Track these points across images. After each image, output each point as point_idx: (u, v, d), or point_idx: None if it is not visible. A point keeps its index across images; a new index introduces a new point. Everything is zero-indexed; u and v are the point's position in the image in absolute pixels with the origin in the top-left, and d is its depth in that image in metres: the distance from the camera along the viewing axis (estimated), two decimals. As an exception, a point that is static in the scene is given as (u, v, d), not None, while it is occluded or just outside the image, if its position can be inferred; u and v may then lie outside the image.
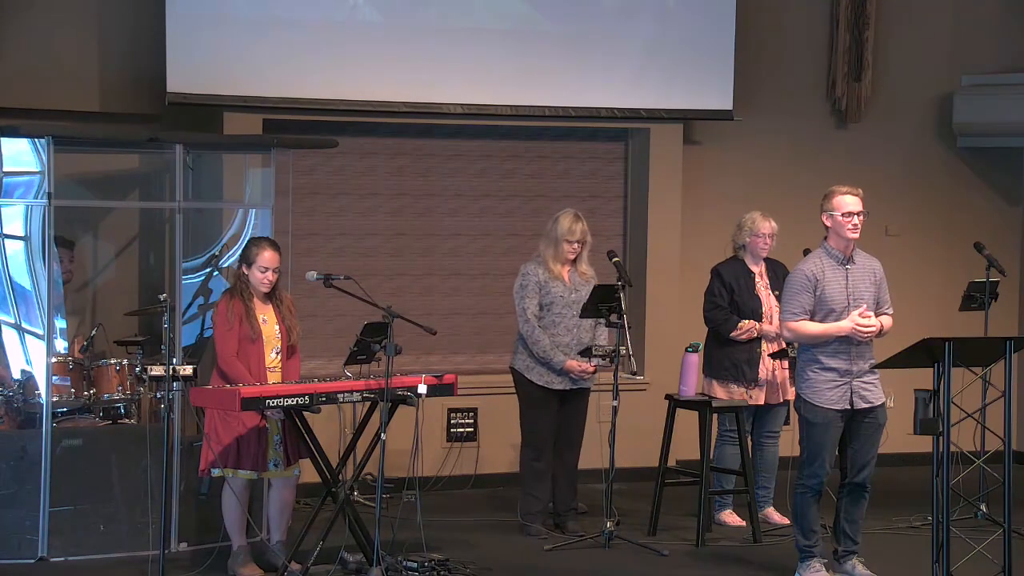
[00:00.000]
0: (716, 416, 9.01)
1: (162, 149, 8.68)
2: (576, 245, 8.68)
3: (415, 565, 7.73)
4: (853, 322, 7.41)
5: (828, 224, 7.55)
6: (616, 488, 8.62)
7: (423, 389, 7.65)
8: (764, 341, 8.97)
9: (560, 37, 10.30)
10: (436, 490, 9.98)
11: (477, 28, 10.13)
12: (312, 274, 7.85)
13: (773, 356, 8.96)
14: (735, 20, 10.62)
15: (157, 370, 7.45)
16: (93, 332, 8.88)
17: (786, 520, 8.93)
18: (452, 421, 10.30)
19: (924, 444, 7.29)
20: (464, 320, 10.55)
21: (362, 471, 8.11)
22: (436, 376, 7.85)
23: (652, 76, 10.51)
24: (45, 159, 8.17)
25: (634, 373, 8.86)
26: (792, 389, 8.64)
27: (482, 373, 10.36)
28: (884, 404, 7.61)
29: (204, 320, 8.86)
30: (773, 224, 9.05)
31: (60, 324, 8.68)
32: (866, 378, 7.50)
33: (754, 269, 9.08)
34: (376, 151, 10.34)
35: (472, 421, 10.34)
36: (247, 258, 7.74)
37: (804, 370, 7.56)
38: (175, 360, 7.96)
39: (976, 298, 9.41)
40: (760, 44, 10.95)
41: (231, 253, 9.01)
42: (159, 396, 8.39)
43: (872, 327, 7.44)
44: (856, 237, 7.51)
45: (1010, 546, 7.15)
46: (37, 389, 8.26)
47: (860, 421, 7.54)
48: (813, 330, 7.49)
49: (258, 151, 9.00)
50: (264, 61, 9.62)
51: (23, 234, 8.67)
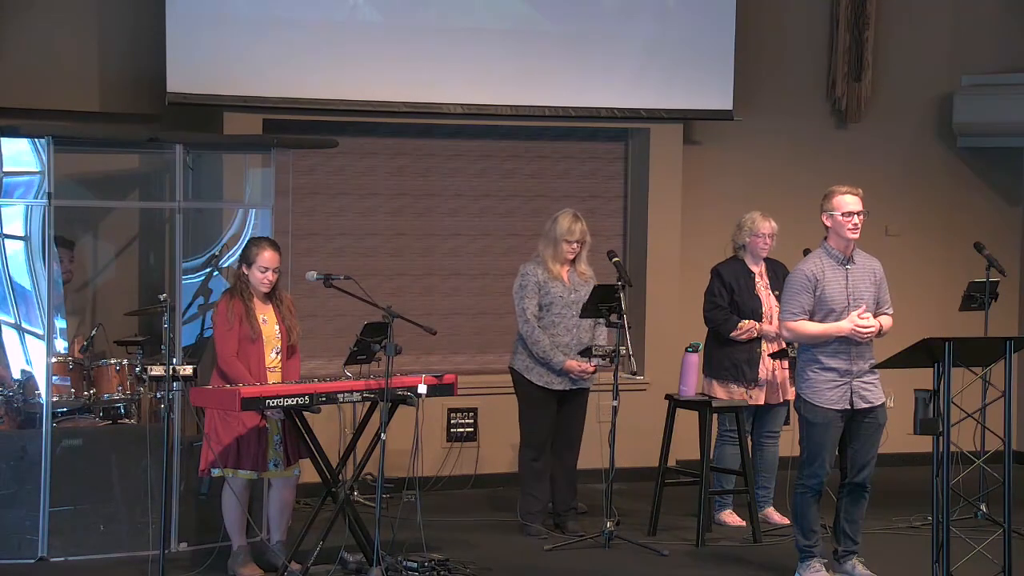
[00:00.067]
0: (716, 416, 9.00)
1: (162, 149, 8.68)
2: (575, 245, 8.68)
3: (415, 565, 7.73)
4: (852, 323, 7.42)
5: (828, 224, 7.55)
6: (616, 488, 8.62)
7: (423, 389, 7.65)
8: (764, 341, 8.97)
9: (560, 37, 10.30)
10: (436, 490, 9.98)
11: (477, 28, 10.13)
12: (312, 274, 7.85)
13: (773, 356, 8.96)
14: (735, 20, 10.62)
15: (157, 370, 7.45)
16: (93, 332, 8.88)
17: (786, 520, 8.92)
18: (452, 421, 10.30)
19: (924, 444, 7.28)
20: (464, 320, 10.55)
21: (362, 471, 8.10)
22: (436, 376, 7.85)
23: (652, 76, 10.51)
24: (45, 159, 8.16)
25: (634, 373, 8.86)
26: (792, 389, 8.64)
27: (482, 373, 10.36)
28: (884, 404, 7.61)
29: (204, 320, 8.86)
30: (773, 224, 9.05)
31: (60, 324, 8.68)
32: (866, 378, 7.50)
33: (754, 269, 9.08)
34: (376, 151, 10.34)
35: (472, 421, 10.34)
36: (247, 258, 7.74)
37: (804, 370, 7.56)
38: (175, 360, 7.95)
39: (976, 298, 9.40)
40: (760, 44, 10.95)
41: (231, 253, 9.00)
42: (159, 396, 8.38)
43: (871, 327, 7.44)
44: (856, 237, 7.51)
45: (1010, 546, 7.15)
46: (37, 389, 8.26)
47: (860, 421, 7.54)
48: (812, 330, 7.49)
49: (258, 151, 9.00)
50: (264, 61, 9.62)
51: (23, 234, 8.67)
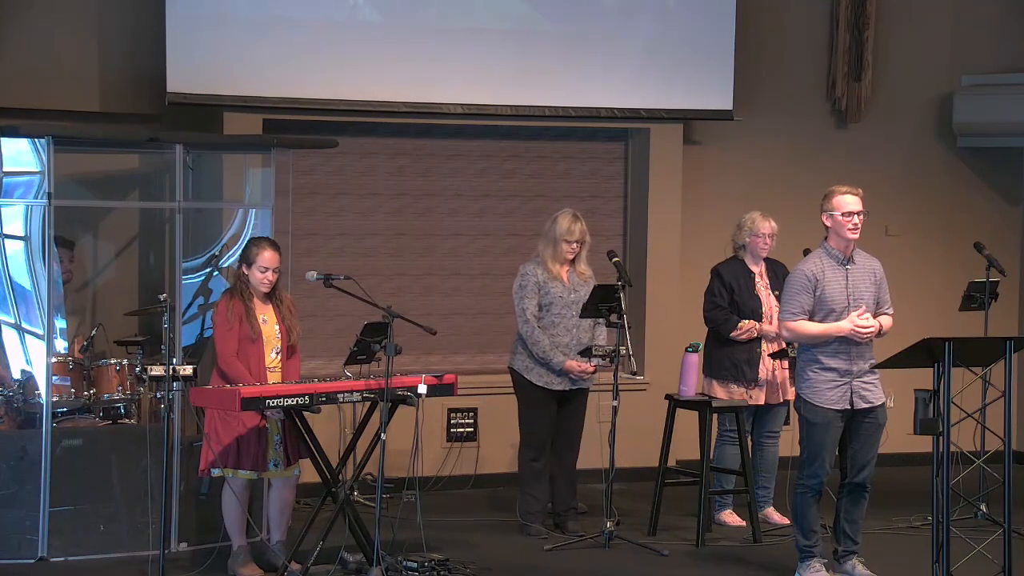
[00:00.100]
0: (716, 416, 9.00)
1: (162, 149, 8.68)
2: (575, 245, 8.68)
3: (415, 565, 7.73)
4: (852, 323, 7.42)
5: (828, 224, 7.54)
6: (616, 488, 8.62)
7: (423, 389, 7.65)
8: (764, 341, 8.96)
9: (560, 37, 10.29)
10: (436, 490, 9.98)
11: (477, 28, 10.13)
12: (312, 274, 7.85)
13: (773, 356, 8.95)
14: (735, 20, 10.61)
15: (157, 370, 7.45)
16: (93, 332, 8.88)
17: (786, 520, 8.92)
18: (452, 421, 10.30)
19: (924, 444, 7.28)
20: (464, 320, 10.55)
21: (362, 471, 8.10)
22: (436, 376, 7.85)
23: (652, 76, 10.51)
24: (45, 159, 8.16)
25: (634, 373, 8.86)
26: (792, 389, 8.64)
27: (482, 373, 10.36)
28: (884, 404, 7.61)
29: (204, 320, 8.86)
30: (773, 224, 9.05)
31: (60, 324, 8.68)
32: (866, 378, 7.49)
33: (754, 269, 9.08)
34: (376, 151, 10.34)
35: (472, 421, 10.34)
36: (247, 258, 7.74)
37: (804, 370, 7.56)
38: (175, 360, 7.95)
39: (976, 298, 9.40)
40: (760, 44, 10.95)
41: (231, 253, 9.00)
42: (159, 396, 8.38)
43: (870, 328, 7.44)
44: (856, 237, 7.51)
45: (1010, 546, 7.15)
46: (37, 389, 8.26)
47: (860, 421, 7.54)
48: (812, 330, 7.48)
49: (258, 151, 9.00)
50: (264, 61, 9.61)
51: (23, 234, 8.67)
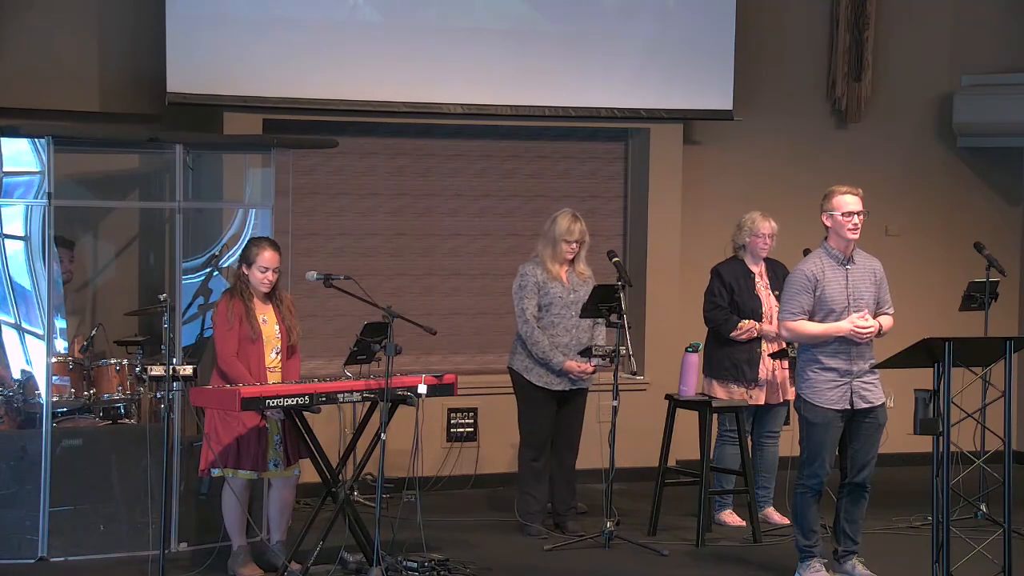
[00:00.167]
0: (716, 416, 9.00)
1: (162, 149, 8.68)
2: (574, 245, 8.67)
3: (415, 565, 7.73)
4: (851, 323, 7.42)
5: (828, 224, 7.54)
6: (616, 488, 8.62)
7: (423, 389, 7.65)
8: (764, 341, 8.96)
9: (560, 37, 10.29)
10: (436, 490, 9.98)
11: (477, 28, 10.13)
12: (312, 274, 7.85)
13: (773, 356, 8.95)
14: (735, 20, 10.61)
15: (157, 370, 7.45)
16: (93, 332, 8.88)
17: (786, 520, 8.92)
18: (452, 421, 10.30)
19: (924, 444, 7.28)
20: (464, 320, 10.55)
21: (362, 471, 8.10)
22: (436, 376, 7.85)
23: (652, 76, 10.51)
24: (45, 159, 8.16)
25: (634, 373, 8.86)
26: (792, 389, 8.64)
27: (482, 373, 10.35)
28: (884, 404, 7.61)
29: (204, 320, 8.86)
30: (773, 224, 9.05)
31: (60, 324, 8.68)
32: (866, 378, 7.49)
33: (754, 269, 9.08)
34: (376, 151, 10.34)
35: (472, 421, 10.34)
36: (247, 258, 7.74)
37: (804, 370, 7.56)
38: (175, 360, 7.95)
39: (976, 298, 9.40)
40: (760, 44, 10.95)
41: (231, 253, 9.00)
42: (159, 396, 8.39)
43: (870, 328, 7.44)
44: (856, 237, 7.51)
45: (1010, 546, 7.15)
46: (37, 389, 8.26)
47: (860, 421, 7.54)
48: (812, 330, 7.48)
49: (258, 151, 9.00)
50: (264, 61, 9.61)
51: (23, 234, 8.67)
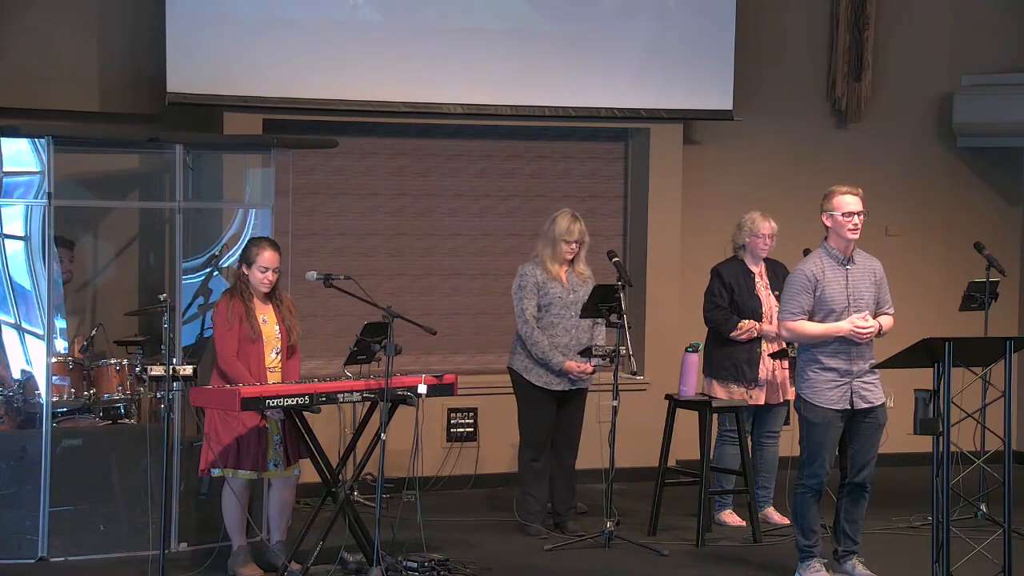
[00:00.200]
0: (716, 416, 9.00)
1: (162, 149, 8.68)
2: (574, 245, 8.67)
3: (415, 565, 7.73)
4: (852, 323, 7.41)
5: (828, 224, 7.54)
6: (616, 488, 8.62)
7: (423, 389, 7.65)
8: (764, 341, 8.96)
9: (560, 37, 10.29)
10: (436, 490, 9.98)
11: (477, 28, 10.12)
12: (312, 274, 7.85)
13: (773, 356, 8.95)
14: (735, 20, 10.61)
15: (157, 370, 7.45)
16: (93, 332, 8.88)
17: (786, 520, 8.92)
18: (452, 421, 10.30)
19: (924, 444, 7.28)
20: (464, 320, 10.55)
21: (362, 471, 8.10)
22: (436, 376, 7.85)
23: (652, 76, 10.51)
24: (45, 159, 8.16)
25: (634, 373, 8.86)
26: (792, 389, 8.64)
27: (482, 373, 10.35)
28: (884, 404, 7.61)
29: (204, 320, 8.86)
30: (773, 224, 9.05)
31: (60, 324, 8.68)
32: (866, 378, 7.49)
33: (754, 269, 9.08)
34: (376, 151, 10.34)
35: (472, 421, 10.34)
36: (247, 258, 7.74)
37: (804, 370, 7.56)
38: (175, 360, 7.95)
39: (976, 298, 9.40)
40: (760, 44, 10.95)
41: (231, 253, 9.00)
42: (159, 396, 8.39)
43: (870, 328, 7.44)
44: (856, 237, 7.51)
45: (1010, 546, 7.14)
46: (37, 389, 8.26)
47: (860, 421, 7.53)
48: (811, 330, 7.48)
49: (258, 151, 9.00)
50: (264, 61, 9.61)
51: (23, 234, 8.67)
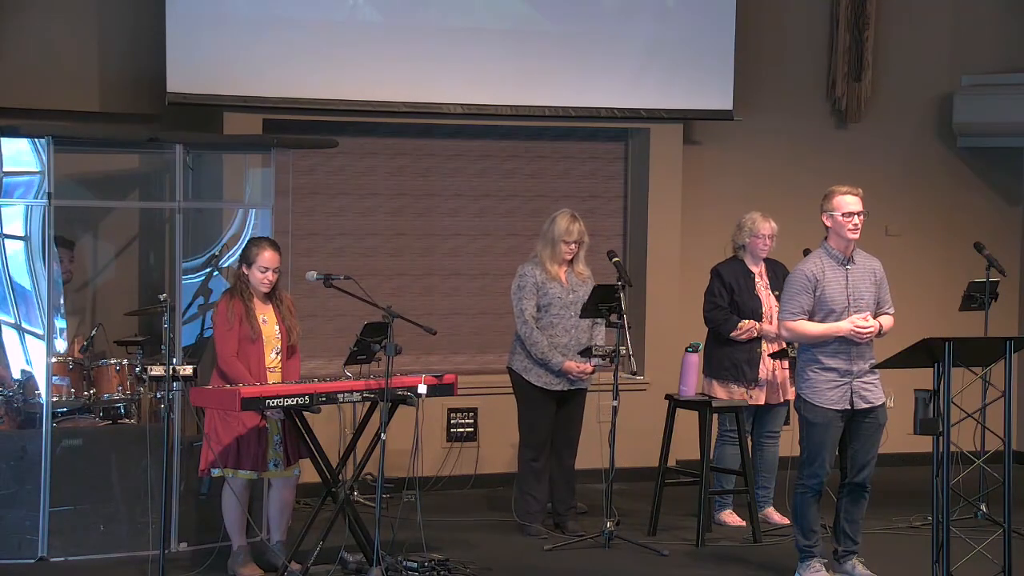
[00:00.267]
0: (716, 416, 9.01)
1: (162, 149, 8.68)
2: (573, 246, 8.67)
3: (415, 565, 7.73)
4: (852, 323, 7.41)
5: (828, 224, 7.54)
6: (616, 488, 8.62)
7: (423, 389, 7.65)
8: (764, 341, 8.96)
9: (560, 37, 10.29)
10: (436, 490, 9.98)
11: (477, 28, 10.12)
12: (312, 274, 7.85)
13: (773, 356, 8.95)
14: (735, 20, 10.61)
15: (157, 370, 7.45)
16: (93, 332, 8.88)
17: (786, 520, 8.92)
18: (452, 421, 10.30)
19: (924, 444, 7.28)
20: (464, 320, 10.55)
21: (362, 471, 8.10)
22: (436, 376, 7.85)
23: (652, 76, 10.51)
24: (45, 159, 8.16)
25: (634, 373, 8.86)
26: (792, 389, 8.64)
27: (482, 373, 10.35)
28: (884, 404, 7.61)
29: (204, 320, 8.86)
30: (773, 225, 9.05)
31: (60, 324, 8.68)
32: (866, 378, 7.49)
33: (754, 269, 9.08)
34: (376, 151, 10.34)
35: (472, 421, 10.34)
36: (247, 258, 7.74)
37: (804, 370, 7.56)
38: (175, 360, 7.95)
39: (976, 298, 9.40)
40: (760, 44, 10.95)
41: (231, 253, 9.00)
42: (159, 396, 8.39)
43: (870, 328, 7.44)
44: (856, 237, 7.51)
45: (1010, 546, 7.14)
46: (37, 389, 8.26)
47: (860, 421, 7.54)
48: (811, 330, 7.48)
49: (258, 151, 9.00)
50: (264, 61, 9.61)
51: (23, 234, 8.66)
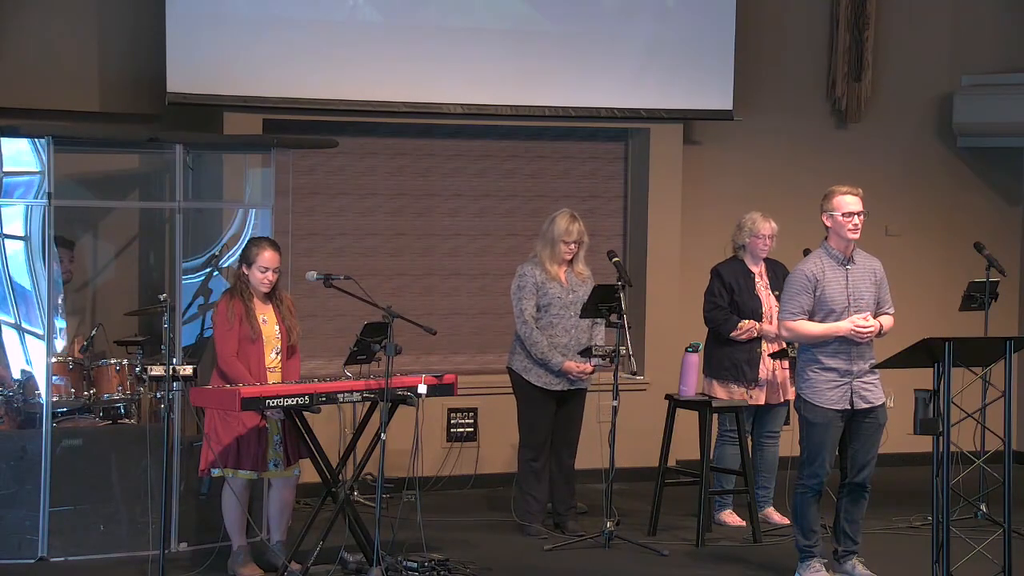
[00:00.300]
0: (716, 416, 9.01)
1: (162, 149, 8.68)
2: (573, 246, 8.67)
3: (415, 565, 7.73)
4: (852, 323, 7.41)
5: (828, 224, 7.54)
6: (616, 488, 8.62)
7: (423, 389, 7.65)
8: (764, 341, 8.96)
9: (560, 37, 10.29)
10: (436, 490, 9.98)
11: (477, 28, 10.12)
12: (312, 274, 7.85)
13: (773, 356, 8.95)
14: (735, 20, 10.61)
15: (157, 370, 7.45)
16: (93, 332, 8.88)
17: (786, 520, 8.92)
18: (452, 421, 10.30)
19: (924, 444, 7.28)
20: (464, 320, 10.55)
21: (362, 471, 8.10)
22: (436, 376, 7.85)
23: (652, 76, 10.51)
24: (45, 159, 8.16)
25: (634, 373, 8.86)
26: (792, 389, 8.64)
27: (482, 373, 10.35)
28: (884, 404, 7.61)
29: (204, 320, 8.86)
30: (773, 225, 9.05)
31: (60, 324, 8.68)
32: (866, 378, 7.49)
33: (754, 269, 9.08)
34: (376, 151, 10.34)
35: (472, 421, 10.34)
36: (247, 258, 7.74)
37: (804, 370, 7.56)
38: (175, 360, 7.95)
39: (976, 298, 9.40)
40: (760, 44, 10.95)
41: (231, 253, 9.00)
42: (159, 396, 8.39)
43: (870, 328, 7.44)
44: (856, 237, 7.51)
45: (1010, 546, 7.14)
46: (37, 389, 8.26)
47: (860, 421, 7.54)
48: (811, 330, 7.48)
49: (258, 151, 9.00)
50: (264, 61, 9.61)
51: (23, 234, 8.66)
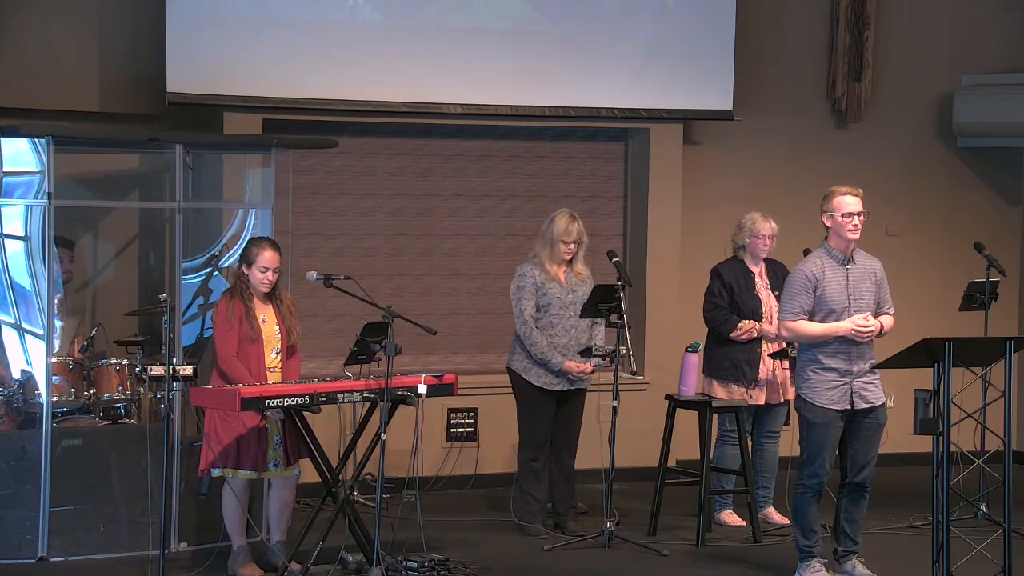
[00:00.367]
0: (716, 416, 9.01)
1: (162, 149, 8.68)
2: (572, 246, 8.67)
3: (415, 565, 7.73)
4: (852, 323, 7.41)
5: (828, 224, 7.54)
6: (616, 488, 8.62)
7: (423, 389, 7.65)
8: (764, 341, 8.96)
9: (560, 37, 10.29)
10: (436, 490, 9.98)
11: (477, 28, 10.13)
12: (312, 274, 7.85)
13: (773, 356, 8.95)
14: (735, 20, 10.62)
15: (157, 370, 7.45)
16: (93, 332, 8.88)
17: (786, 520, 8.92)
18: (452, 421, 10.30)
19: (924, 444, 7.28)
20: (464, 320, 10.55)
21: (362, 471, 8.10)
22: (436, 376, 7.85)
23: (652, 76, 10.51)
24: (45, 159, 8.16)
25: (634, 373, 8.86)
26: (792, 389, 8.64)
27: (482, 373, 10.35)
28: (884, 404, 7.61)
29: (204, 320, 8.86)
30: (773, 225, 9.05)
31: (60, 324, 8.68)
32: (866, 378, 7.49)
33: (754, 269, 9.08)
34: (376, 151, 10.34)
35: (472, 421, 10.34)
36: (247, 258, 7.74)
37: (804, 370, 7.56)
38: (175, 360, 7.96)
39: (976, 298, 9.40)
40: (760, 44, 10.95)
41: (231, 253, 9.00)
42: (159, 396, 8.39)
43: (870, 328, 7.44)
44: (856, 237, 7.51)
45: (1010, 546, 7.14)
46: (37, 389, 8.26)
47: (860, 421, 7.54)
48: (812, 330, 7.48)
49: (258, 151, 9.00)
50: (264, 61, 9.62)
51: (23, 234, 8.66)
